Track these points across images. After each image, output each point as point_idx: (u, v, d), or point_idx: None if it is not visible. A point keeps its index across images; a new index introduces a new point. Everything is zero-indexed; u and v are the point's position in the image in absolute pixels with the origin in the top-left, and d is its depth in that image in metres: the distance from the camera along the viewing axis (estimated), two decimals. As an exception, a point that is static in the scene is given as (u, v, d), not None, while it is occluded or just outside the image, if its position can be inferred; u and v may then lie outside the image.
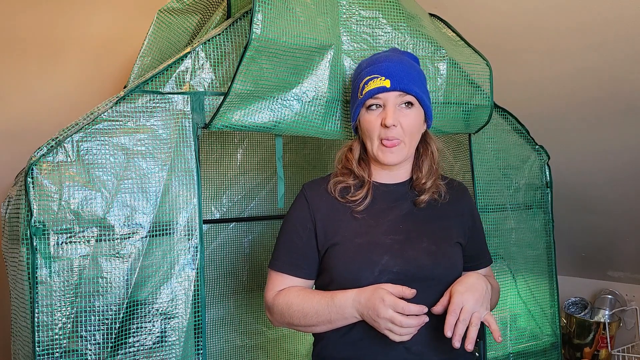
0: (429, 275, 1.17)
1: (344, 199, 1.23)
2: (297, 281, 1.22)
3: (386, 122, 1.16)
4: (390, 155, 1.19)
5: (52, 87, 2.17)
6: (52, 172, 1.11)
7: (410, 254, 1.17)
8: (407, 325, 1.03)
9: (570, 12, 1.71)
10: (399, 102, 1.19)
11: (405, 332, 1.04)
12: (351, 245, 1.18)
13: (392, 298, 1.05)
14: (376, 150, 1.20)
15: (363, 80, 1.21)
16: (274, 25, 1.21)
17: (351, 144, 1.29)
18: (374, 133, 1.19)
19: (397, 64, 1.21)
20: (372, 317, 1.07)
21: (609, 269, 2.41)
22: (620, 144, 1.96)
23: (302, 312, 1.16)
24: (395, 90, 1.17)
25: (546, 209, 1.82)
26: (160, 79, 1.24)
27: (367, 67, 1.23)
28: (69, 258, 1.11)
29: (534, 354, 1.75)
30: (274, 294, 1.22)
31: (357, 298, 1.10)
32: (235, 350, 2.21)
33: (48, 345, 1.09)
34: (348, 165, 1.26)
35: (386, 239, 1.19)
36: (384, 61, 1.22)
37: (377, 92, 1.18)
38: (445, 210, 1.27)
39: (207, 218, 2.17)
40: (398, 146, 1.19)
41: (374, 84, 1.18)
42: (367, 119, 1.20)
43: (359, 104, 1.21)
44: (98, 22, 2.27)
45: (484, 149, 1.69)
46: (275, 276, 1.24)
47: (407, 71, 1.21)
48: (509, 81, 1.95)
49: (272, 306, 1.21)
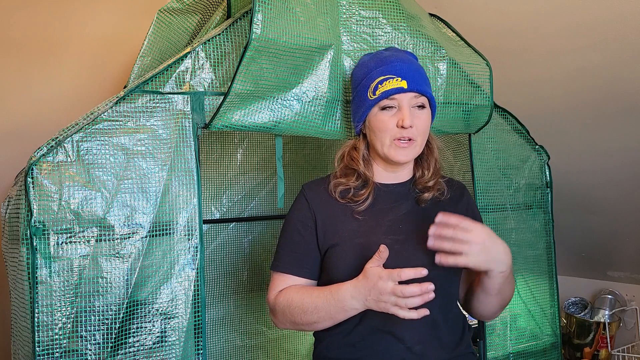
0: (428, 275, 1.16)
1: (344, 199, 1.23)
2: (299, 281, 1.22)
3: (404, 123, 1.16)
4: (403, 153, 1.20)
5: (52, 87, 2.17)
6: (52, 172, 1.11)
7: (411, 254, 1.17)
8: (410, 293, 1.00)
9: (570, 12, 1.71)
10: (414, 103, 1.20)
11: (411, 303, 1.01)
12: (351, 245, 1.18)
13: (387, 271, 1.03)
14: (387, 149, 1.20)
15: (375, 80, 1.20)
16: (274, 25, 1.21)
17: (354, 143, 1.28)
18: (387, 133, 1.19)
19: (409, 64, 1.22)
20: (376, 298, 1.05)
21: (609, 269, 2.41)
22: (620, 144, 1.96)
23: (302, 308, 1.15)
24: (412, 91, 1.18)
25: (546, 209, 1.82)
26: (160, 79, 1.24)
27: (378, 67, 1.23)
28: (69, 258, 1.11)
29: (534, 354, 1.75)
30: (275, 294, 1.22)
31: (355, 287, 1.08)
32: (235, 350, 2.21)
33: (48, 345, 1.09)
34: (352, 165, 1.26)
35: (386, 239, 1.19)
36: (396, 61, 1.22)
37: (394, 92, 1.18)
38: (445, 209, 1.27)
39: (207, 218, 2.17)
40: (411, 145, 1.20)
41: (390, 84, 1.18)
42: (381, 118, 1.20)
43: (371, 104, 1.21)
44: (98, 22, 2.27)
45: (484, 149, 1.69)
46: (277, 277, 1.24)
47: (420, 72, 1.22)
48: (509, 81, 1.95)
49: (275, 306, 1.21)
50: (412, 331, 1.15)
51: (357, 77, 1.28)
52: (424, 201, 1.25)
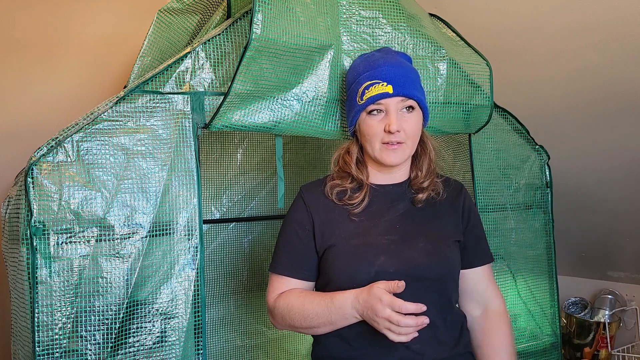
0: (425, 275, 1.17)
1: (341, 201, 1.23)
2: (297, 283, 1.22)
3: (390, 128, 1.16)
4: (393, 156, 1.20)
5: (52, 87, 2.17)
6: (52, 172, 1.11)
7: (407, 254, 1.17)
8: (405, 324, 1.02)
9: (570, 12, 1.71)
10: (401, 106, 1.19)
11: (404, 332, 1.03)
12: (347, 246, 1.18)
13: (389, 297, 1.04)
14: (378, 152, 1.20)
15: (362, 85, 1.21)
16: (274, 25, 1.21)
17: (347, 146, 1.29)
18: (375, 137, 1.20)
19: (396, 67, 1.21)
20: (371, 316, 1.07)
21: (609, 269, 2.41)
22: (620, 143, 1.96)
23: (302, 314, 1.16)
24: (397, 95, 1.18)
25: (546, 209, 1.82)
26: (160, 79, 1.24)
27: (365, 71, 1.23)
28: (69, 258, 1.11)
29: (534, 354, 1.75)
30: (275, 296, 1.22)
31: (356, 298, 1.10)
32: (235, 350, 2.21)
33: (48, 345, 1.09)
34: (346, 169, 1.26)
35: (382, 239, 1.19)
36: (383, 65, 1.21)
37: (379, 98, 1.18)
38: (442, 208, 1.27)
39: (207, 218, 2.17)
40: (401, 147, 1.20)
41: (376, 89, 1.18)
42: (369, 123, 1.20)
43: (359, 109, 1.21)
44: (98, 22, 2.27)
45: (484, 149, 1.69)
46: (276, 279, 1.24)
47: (406, 74, 1.21)
48: (509, 81, 1.95)
49: (274, 309, 1.21)
50: None
51: (348, 81, 1.29)
52: (419, 202, 1.25)
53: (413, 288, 1.10)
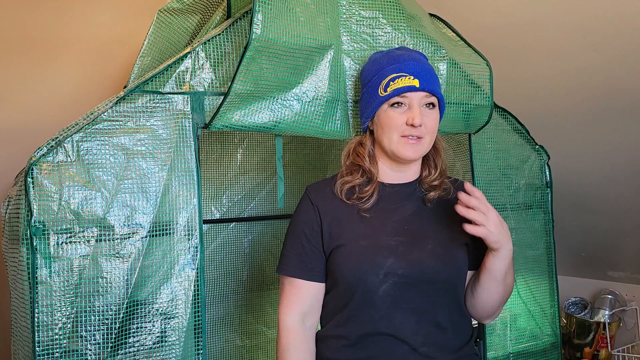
0: (434, 278, 1.16)
1: (350, 200, 1.23)
2: (308, 285, 1.21)
3: (414, 121, 1.17)
4: (411, 150, 1.20)
5: (52, 87, 2.17)
6: (52, 172, 1.11)
7: (416, 257, 1.17)
8: None
9: (570, 12, 1.71)
10: (424, 102, 1.20)
11: None
12: (356, 247, 1.18)
13: None
14: (395, 145, 1.20)
15: (387, 77, 1.20)
16: (274, 26, 1.21)
17: (361, 139, 1.28)
18: (395, 129, 1.19)
19: (422, 64, 1.22)
20: None
21: (609, 269, 2.41)
22: (620, 143, 1.96)
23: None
24: (423, 90, 1.19)
25: (546, 209, 1.82)
26: (160, 79, 1.24)
27: (390, 64, 1.23)
28: (69, 258, 1.11)
29: (534, 354, 1.75)
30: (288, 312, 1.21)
31: None
32: (235, 350, 2.21)
33: (48, 345, 1.09)
34: (357, 161, 1.26)
35: (391, 240, 1.18)
36: (409, 60, 1.22)
37: (405, 90, 1.18)
38: (451, 210, 1.27)
39: (207, 218, 2.17)
40: (419, 142, 1.20)
41: (402, 82, 1.18)
42: (391, 115, 1.20)
43: (381, 101, 1.21)
44: (98, 22, 2.27)
45: (484, 149, 1.69)
46: (287, 282, 1.23)
47: (431, 72, 1.23)
48: (509, 81, 1.95)
49: (280, 332, 1.21)
50: (417, 333, 1.15)
51: (368, 74, 1.28)
52: (430, 200, 1.25)
53: (422, 290, 1.10)
